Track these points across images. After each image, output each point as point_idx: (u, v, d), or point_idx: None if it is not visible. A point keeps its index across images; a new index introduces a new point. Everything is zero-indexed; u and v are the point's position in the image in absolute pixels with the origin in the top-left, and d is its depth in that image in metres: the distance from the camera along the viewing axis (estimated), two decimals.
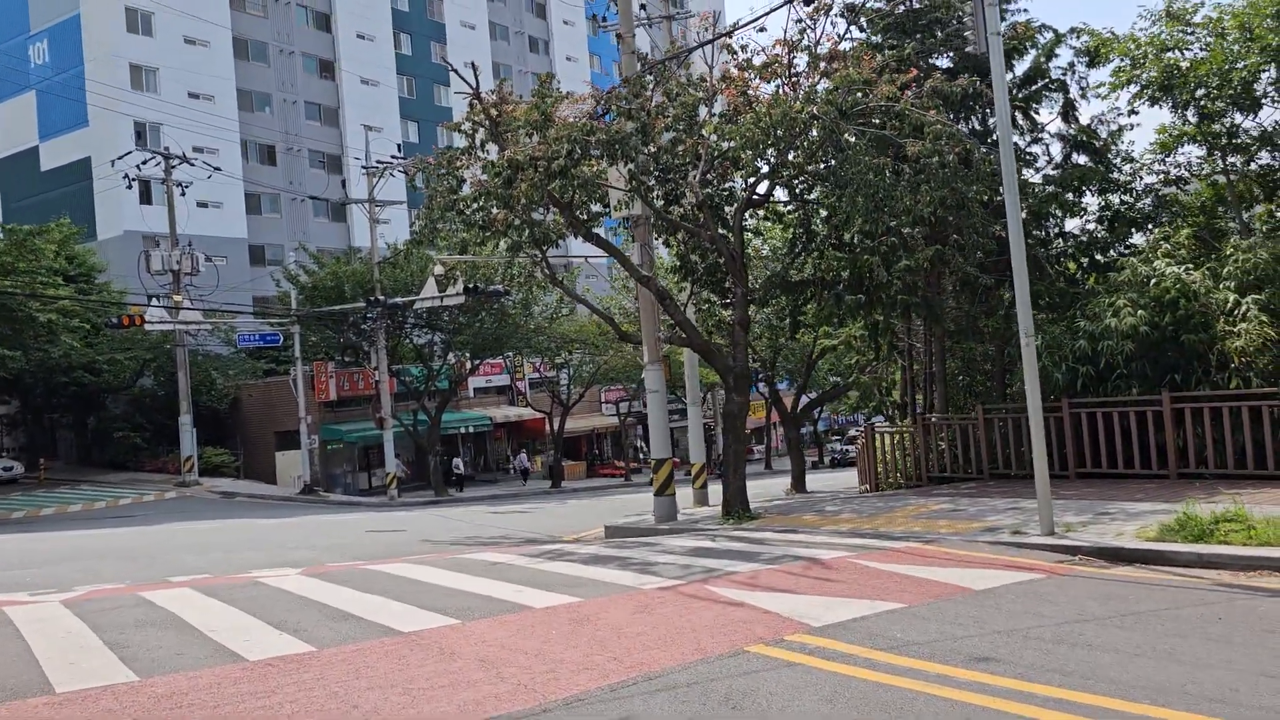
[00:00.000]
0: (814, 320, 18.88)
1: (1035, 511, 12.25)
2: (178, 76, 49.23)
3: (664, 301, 15.34)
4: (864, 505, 15.20)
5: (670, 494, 16.49)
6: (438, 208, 18.29)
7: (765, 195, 16.57)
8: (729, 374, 15.39)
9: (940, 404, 18.05)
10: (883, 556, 10.21)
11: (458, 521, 22.74)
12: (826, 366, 36.80)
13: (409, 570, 10.88)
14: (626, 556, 11.21)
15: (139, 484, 37.03)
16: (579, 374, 45.78)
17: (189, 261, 35.26)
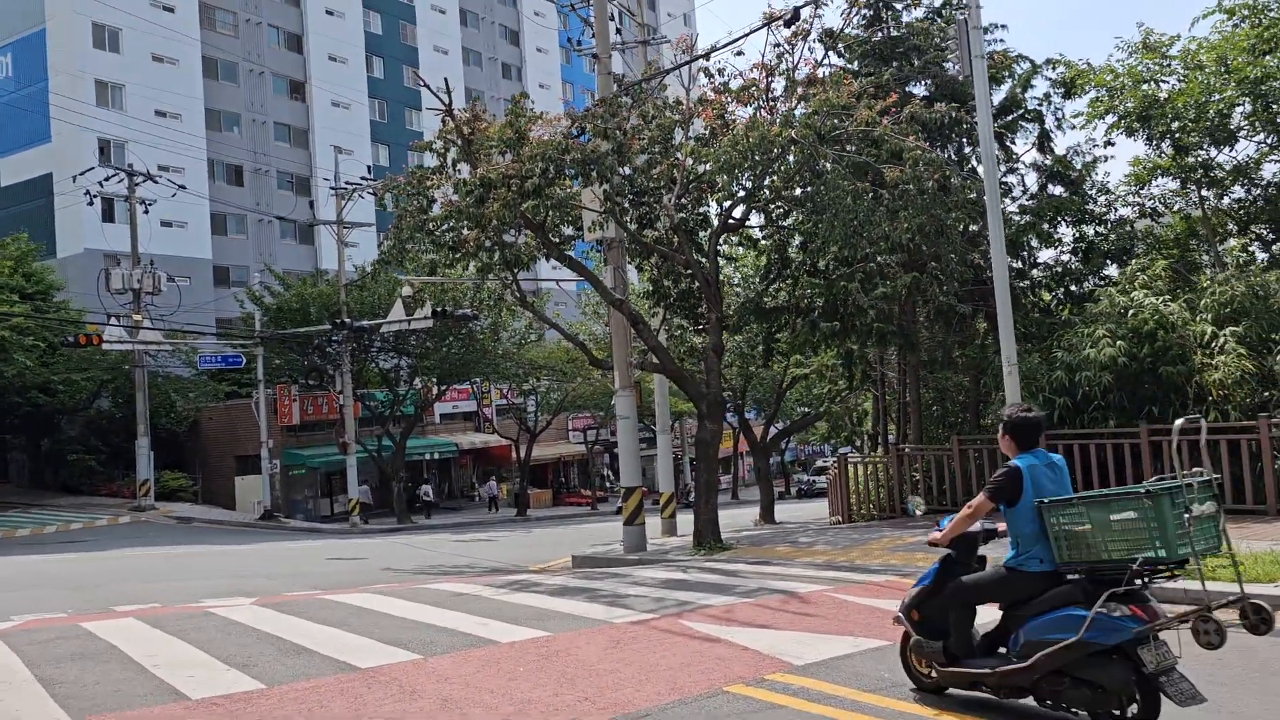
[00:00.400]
0: (788, 348, 18.66)
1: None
2: (145, 94, 48.50)
3: (637, 326, 15.03)
4: (838, 537, 14.89)
5: (640, 523, 16.10)
6: (406, 227, 17.93)
7: (741, 219, 16.35)
8: (702, 401, 15.08)
9: (914, 435, 17.83)
10: (862, 590, 9.88)
11: (421, 550, 22.16)
12: (795, 397, 36.66)
13: (369, 601, 10.41)
14: (596, 588, 10.81)
15: (92, 508, 35.98)
16: (546, 401, 45.30)
17: (150, 281, 34.47)
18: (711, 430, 15.06)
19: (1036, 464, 5.64)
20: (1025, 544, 5.54)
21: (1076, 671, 5.19)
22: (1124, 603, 5.07)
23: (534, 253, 18.47)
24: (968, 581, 5.84)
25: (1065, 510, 5.34)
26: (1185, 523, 4.96)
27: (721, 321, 15.55)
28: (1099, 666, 5.12)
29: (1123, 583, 5.04)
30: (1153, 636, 5.04)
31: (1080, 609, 5.16)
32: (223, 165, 52.76)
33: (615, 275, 16.14)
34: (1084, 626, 5.07)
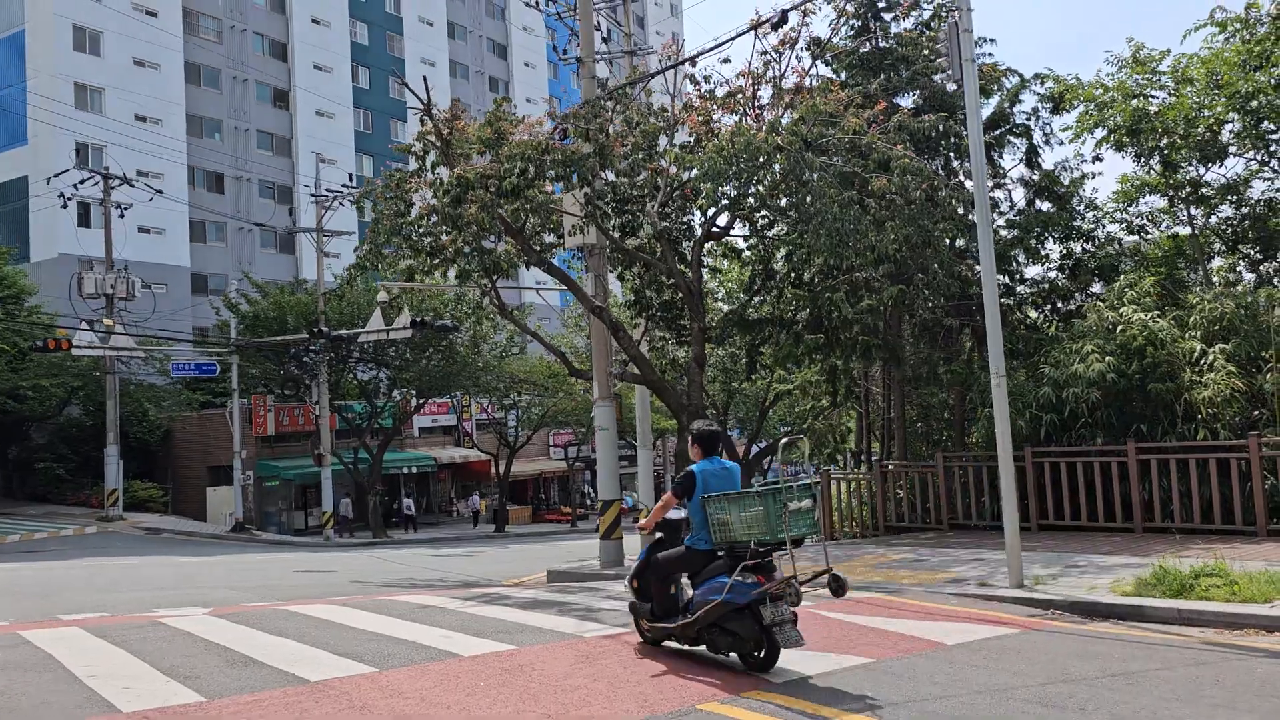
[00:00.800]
0: (771, 360, 18.32)
1: (1001, 563, 11.66)
2: (125, 98, 47.98)
3: (617, 334, 14.65)
4: (820, 554, 14.49)
5: (618, 538, 15.67)
6: (383, 231, 17.58)
7: (725, 228, 16.03)
8: (683, 413, 14.70)
9: (899, 451, 17.49)
10: (844, 606, 9.49)
11: (394, 564, 21.64)
12: (778, 416, 36.29)
13: (330, 612, 9.94)
14: (568, 602, 10.38)
15: (59, 518, 35.20)
16: (527, 416, 44.80)
17: (124, 286, 33.90)
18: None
19: (710, 468, 7.23)
20: (696, 529, 7.16)
21: (724, 624, 6.83)
22: (754, 573, 6.68)
23: (514, 260, 18.15)
24: (661, 557, 7.44)
25: (717, 503, 6.89)
26: (784, 515, 6.53)
27: (704, 332, 15.20)
28: (737, 620, 6.75)
29: (746, 557, 6.67)
30: (770, 598, 6.58)
31: (725, 577, 6.77)
32: (203, 172, 52.23)
33: (596, 282, 15.77)
34: (725, 590, 6.69)
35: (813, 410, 23.24)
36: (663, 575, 7.39)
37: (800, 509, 6.68)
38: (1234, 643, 7.56)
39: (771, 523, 6.53)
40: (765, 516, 6.56)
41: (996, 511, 15.17)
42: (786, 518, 6.52)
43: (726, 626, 6.79)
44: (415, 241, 18.15)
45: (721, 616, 6.77)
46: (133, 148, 46.02)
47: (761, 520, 6.59)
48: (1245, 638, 7.75)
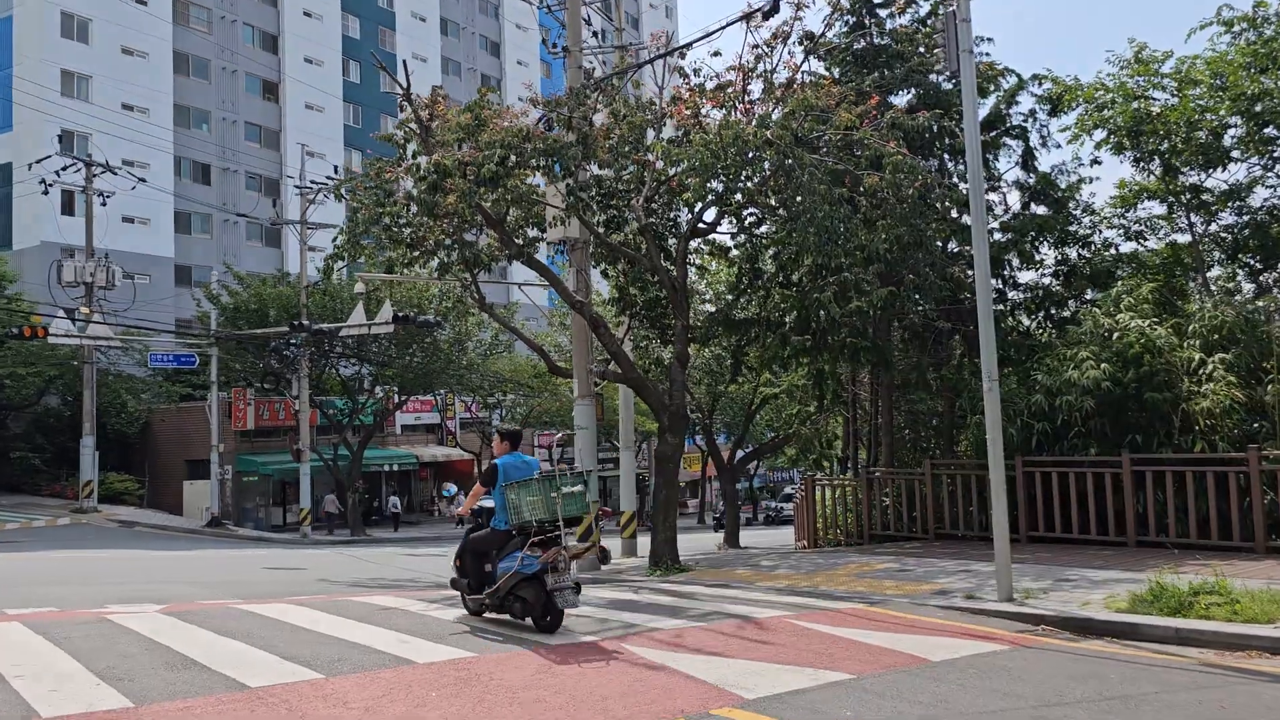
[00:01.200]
0: (757, 362, 17.88)
1: (990, 575, 11.24)
2: (112, 86, 47.30)
3: (597, 330, 14.20)
4: (802, 562, 14.08)
5: (594, 541, 15.20)
6: (362, 221, 17.12)
7: (712, 224, 15.60)
8: (664, 412, 14.26)
9: (886, 458, 17.08)
10: (824, 618, 9.06)
11: (368, 563, 21.13)
12: (765, 421, 35.87)
13: (285, 612, 9.46)
14: None
15: (31, 508, 34.55)
16: (512, 415, 44.32)
17: (104, 275, 33.28)
18: (673, 444, 14.23)
19: (512, 461, 8.65)
20: (499, 512, 8.48)
21: (518, 591, 8.16)
22: (539, 548, 8.05)
23: (495, 254, 17.71)
24: (474, 538, 8.84)
25: (512, 491, 8.23)
26: (558, 498, 8.17)
27: (688, 330, 14.76)
28: (527, 587, 8.08)
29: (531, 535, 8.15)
30: (551, 568, 7.99)
31: (519, 552, 8.11)
32: (189, 163, 51.59)
33: (578, 277, 15.33)
34: (518, 563, 8.05)
35: (799, 415, 22.82)
36: (475, 553, 8.82)
37: (572, 493, 8.31)
38: (1237, 665, 7.15)
39: (549, 505, 8.17)
40: (544, 500, 8.15)
41: (985, 522, 14.77)
42: (560, 500, 8.22)
43: (519, 594, 8.19)
44: (395, 233, 17.70)
45: (516, 585, 8.16)
46: (119, 136, 45.34)
47: (541, 503, 8.16)
48: (1248, 660, 7.34)
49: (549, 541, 8.13)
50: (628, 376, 14.65)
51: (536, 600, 8.08)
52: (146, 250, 47.96)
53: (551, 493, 8.20)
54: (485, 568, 8.63)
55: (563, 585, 8.00)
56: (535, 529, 8.17)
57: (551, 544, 8.09)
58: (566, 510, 8.27)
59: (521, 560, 8.07)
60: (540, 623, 8.12)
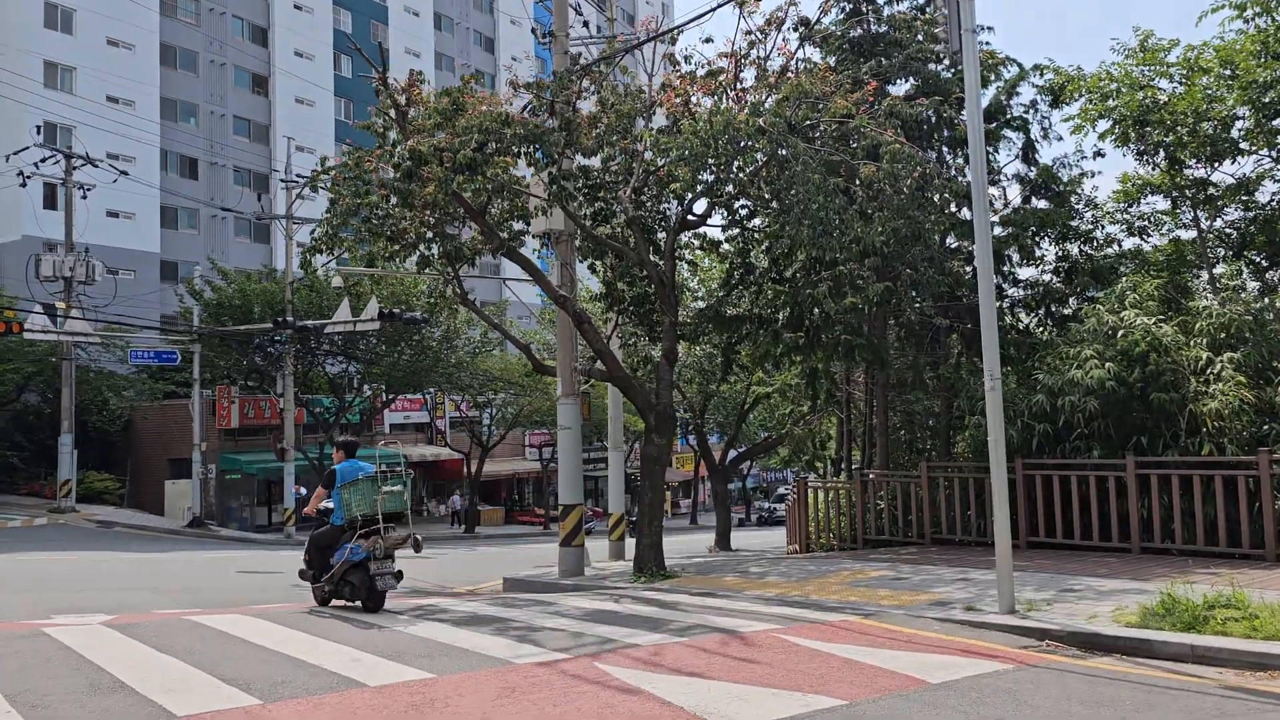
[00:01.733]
0: (749, 360, 17.29)
1: (989, 584, 10.68)
2: (97, 78, 46.59)
3: (581, 325, 13.60)
4: (793, 568, 13.50)
5: (578, 545, 14.63)
6: (340, 212, 16.51)
7: (702, 217, 15.01)
8: (650, 412, 13.67)
9: (880, 460, 16.51)
10: (815, 632, 8.48)
11: None
12: (758, 421, 35.31)
13: (238, 625, 8.86)
14: (510, 618, 9.32)
15: (9, 508, 33.84)
16: (502, 415, 43.72)
17: (84, 269, 32.60)
18: (659, 445, 13.64)
19: (347, 466, 10.03)
20: (337, 510, 9.88)
21: (348, 577, 9.57)
22: (364, 539, 9.48)
23: (479, 248, 17.14)
24: (316, 534, 10.15)
25: (345, 491, 9.69)
26: (378, 497, 9.59)
27: (676, 327, 14.17)
28: (355, 573, 9.50)
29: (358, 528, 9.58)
30: (374, 555, 9.44)
31: (349, 543, 9.54)
32: (176, 157, 50.94)
33: (562, 271, 14.73)
34: (348, 552, 9.49)
35: (792, 415, 22.26)
36: (318, 547, 10.15)
37: (392, 492, 9.76)
38: (1261, 688, 6.58)
39: (370, 501, 9.62)
40: (366, 497, 9.62)
41: (983, 527, 14.22)
42: (381, 498, 9.65)
43: (349, 579, 9.63)
44: (375, 225, 17.12)
45: (347, 571, 9.61)
46: (104, 129, 44.66)
47: (366, 501, 9.63)
48: (1273, 681, 6.77)
49: (372, 533, 9.62)
50: (613, 375, 14.06)
51: (362, 584, 9.63)
52: (131, 245, 47.30)
53: (374, 493, 9.73)
54: (327, 560, 10.03)
55: (384, 571, 9.62)
56: (361, 523, 9.67)
57: (372, 535, 9.61)
58: (386, 506, 9.72)
59: (350, 550, 9.62)
60: (366, 603, 9.67)
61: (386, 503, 9.72)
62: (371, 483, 9.76)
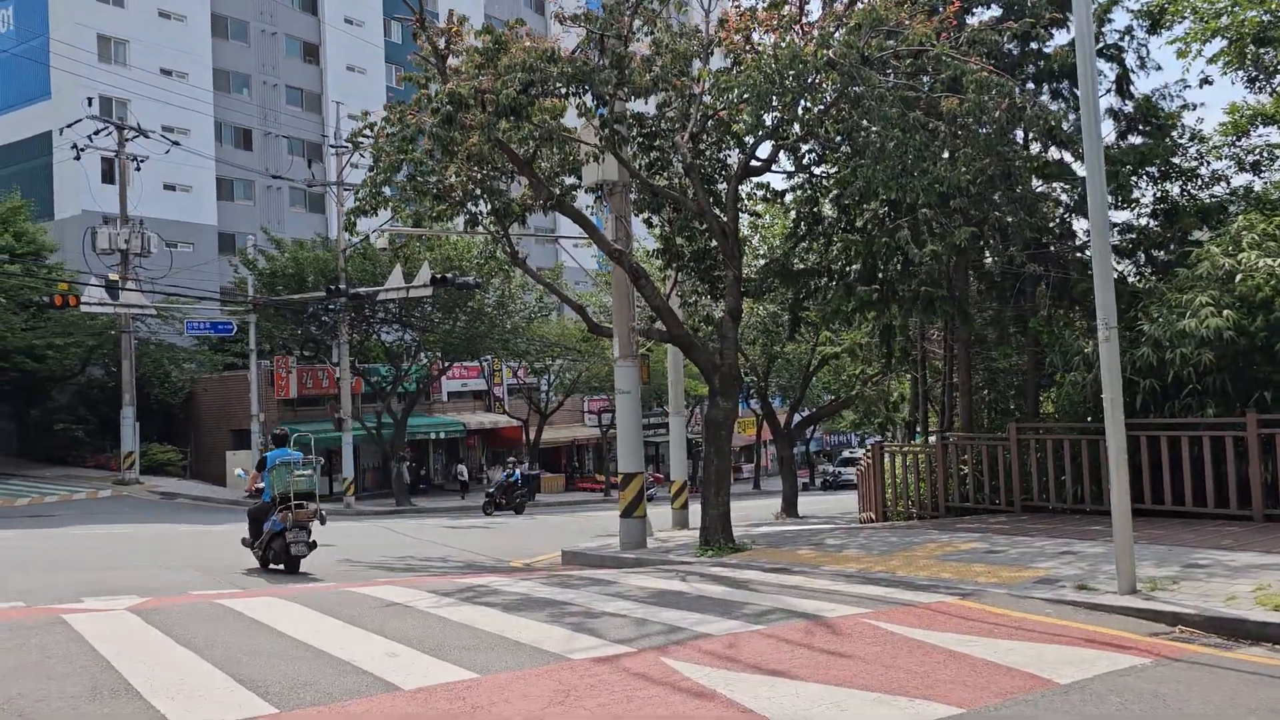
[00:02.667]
0: (818, 317, 16.18)
1: (1099, 558, 9.60)
2: (149, 51, 46.44)
3: (638, 281, 12.63)
4: (873, 539, 12.48)
5: (640, 515, 13.77)
6: (383, 169, 15.71)
7: (766, 162, 13.89)
8: (715, 373, 12.68)
9: (963, 422, 15.34)
10: (911, 616, 7.50)
11: (403, 536, 19.98)
12: (822, 383, 34.07)
13: (273, 610, 8.13)
14: (567, 601, 8.47)
15: (75, 480, 34.11)
16: (560, 380, 43.01)
17: (139, 241, 32.42)
18: (724, 409, 12.67)
19: (278, 453, 12.02)
20: (266, 489, 11.97)
21: (272, 544, 11.75)
22: (283, 512, 11.47)
23: (528, 204, 16.26)
24: (252, 509, 12.39)
25: (272, 474, 11.77)
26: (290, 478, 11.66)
27: (741, 282, 13.13)
28: (277, 540, 11.63)
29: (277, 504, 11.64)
30: (289, 526, 11.46)
31: (274, 516, 11.62)
32: (230, 128, 50.73)
33: (617, 225, 13.75)
34: (271, 523, 11.65)
35: (861, 375, 21.12)
36: (254, 520, 12.20)
37: (303, 475, 11.67)
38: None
39: (286, 481, 11.52)
40: (281, 478, 11.52)
41: (1079, 493, 13.07)
42: (293, 480, 11.54)
43: (272, 545, 11.59)
44: (420, 183, 16.32)
45: (271, 539, 11.57)
46: (158, 100, 44.53)
47: (282, 482, 11.52)
48: None
49: (289, 508, 11.50)
50: (674, 334, 13.07)
51: (281, 550, 11.62)
52: (188, 218, 47.31)
53: (288, 475, 11.68)
54: (261, 529, 12.01)
55: (298, 539, 11.55)
56: (281, 500, 11.58)
57: (289, 509, 11.50)
58: (297, 486, 11.69)
59: (273, 521, 11.62)
60: (286, 565, 11.67)
61: (298, 484, 11.71)
62: (284, 468, 11.72)
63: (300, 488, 11.65)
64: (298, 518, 11.51)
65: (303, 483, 11.72)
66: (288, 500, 11.53)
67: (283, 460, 11.81)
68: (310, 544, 11.70)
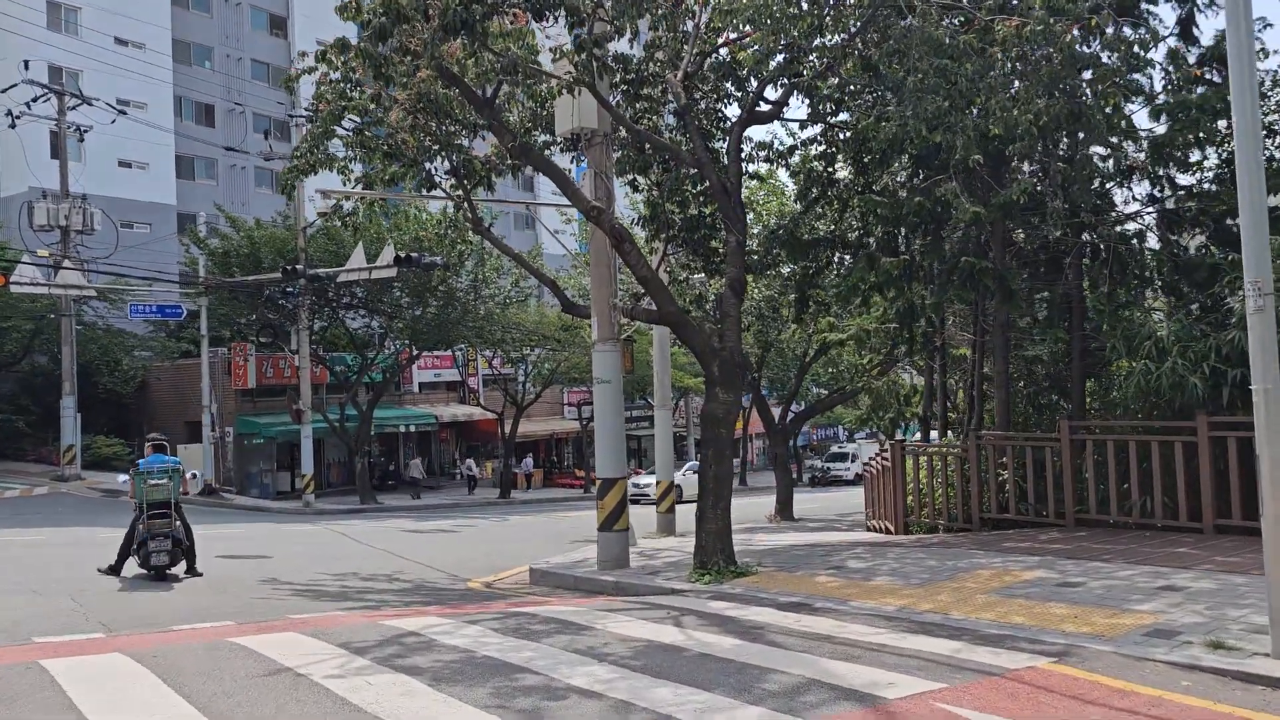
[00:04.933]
0: (834, 296, 13.93)
1: (1215, 598, 7.44)
2: (103, 19, 43.64)
3: (621, 246, 10.33)
4: (905, 562, 10.30)
5: (621, 528, 11.56)
6: (323, 119, 13.47)
7: (776, 105, 11.66)
8: (714, 359, 10.45)
9: (1000, 418, 13.16)
10: (1000, 696, 5.30)
11: (353, 543, 17.68)
12: (812, 376, 31.83)
13: (99, 684, 5.84)
14: (521, 666, 6.20)
15: (11, 476, 31.56)
16: (538, 371, 40.62)
17: (80, 217, 29.88)
18: (725, 402, 10.43)
19: (152, 460, 11.77)
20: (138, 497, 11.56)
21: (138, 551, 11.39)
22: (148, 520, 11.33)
23: (494, 163, 14.04)
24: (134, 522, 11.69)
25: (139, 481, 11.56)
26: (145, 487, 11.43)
27: (744, 248, 10.88)
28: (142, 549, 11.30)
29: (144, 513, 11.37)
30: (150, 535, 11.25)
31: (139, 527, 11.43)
32: (191, 103, 48.09)
33: (596, 182, 11.46)
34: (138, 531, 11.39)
35: (870, 364, 18.95)
36: (131, 525, 11.67)
37: (158, 484, 11.54)
38: None
39: (141, 491, 11.45)
40: (138, 487, 11.50)
41: (1149, 505, 10.92)
42: (146, 489, 11.45)
43: (139, 552, 11.32)
44: (368, 137, 14.06)
45: (139, 545, 11.33)
46: (112, 72, 41.86)
47: (140, 491, 11.47)
48: None
49: (154, 517, 11.27)
50: (663, 312, 10.79)
51: (145, 557, 11.19)
52: (145, 196, 44.70)
53: (140, 483, 11.42)
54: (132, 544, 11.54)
55: (160, 548, 11.21)
56: (146, 509, 11.27)
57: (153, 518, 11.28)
58: (151, 496, 11.37)
59: (138, 530, 11.30)
60: (153, 575, 11.27)
61: (152, 493, 11.41)
62: (140, 477, 11.47)
63: (153, 497, 11.39)
64: (151, 527, 11.28)
65: (157, 492, 11.47)
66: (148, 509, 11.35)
67: (144, 469, 11.61)
68: (173, 552, 11.39)
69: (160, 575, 11.35)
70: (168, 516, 11.39)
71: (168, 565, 11.36)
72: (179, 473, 11.94)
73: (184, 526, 11.78)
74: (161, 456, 11.92)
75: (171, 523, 11.37)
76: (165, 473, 11.62)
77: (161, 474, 11.58)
